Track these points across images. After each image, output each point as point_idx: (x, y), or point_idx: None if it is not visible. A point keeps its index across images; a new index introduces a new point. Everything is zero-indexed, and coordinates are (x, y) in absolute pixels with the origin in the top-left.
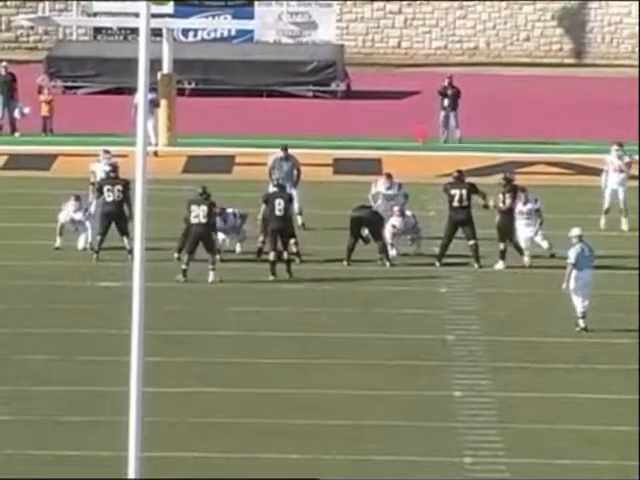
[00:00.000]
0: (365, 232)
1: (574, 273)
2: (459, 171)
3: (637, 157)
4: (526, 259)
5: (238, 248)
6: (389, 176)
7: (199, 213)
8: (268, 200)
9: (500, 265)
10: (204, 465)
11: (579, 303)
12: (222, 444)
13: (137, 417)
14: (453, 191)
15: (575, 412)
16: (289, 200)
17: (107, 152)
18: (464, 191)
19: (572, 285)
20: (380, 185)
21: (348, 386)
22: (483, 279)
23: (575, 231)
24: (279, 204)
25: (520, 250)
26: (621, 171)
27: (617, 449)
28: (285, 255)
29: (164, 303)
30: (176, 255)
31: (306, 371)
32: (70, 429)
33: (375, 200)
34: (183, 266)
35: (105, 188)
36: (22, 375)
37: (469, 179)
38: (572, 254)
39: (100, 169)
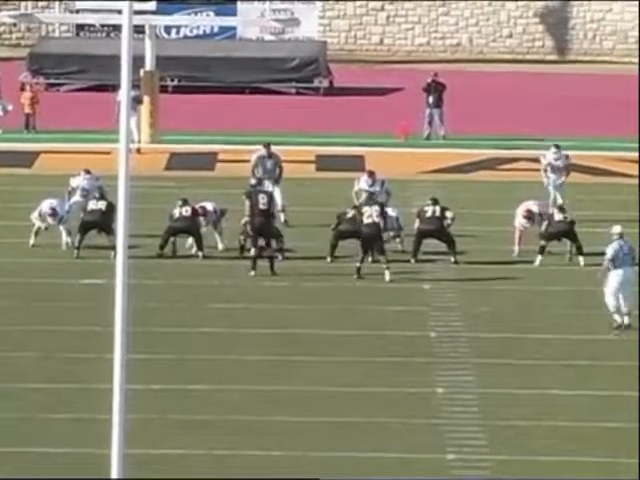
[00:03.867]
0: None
1: (612, 270)
2: (434, 198)
3: (570, 161)
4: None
5: (220, 245)
6: (371, 173)
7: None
8: (251, 195)
9: (538, 260)
10: (188, 462)
11: (613, 301)
12: (205, 441)
13: (120, 414)
14: (426, 208)
15: (559, 409)
16: (271, 196)
17: (88, 172)
18: (437, 207)
19: (611, 283)
20: (363, 182)
21: (331, 383)
22: (466, 275)
23: (616, 228)
24: (262, 198)
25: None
26: (559, 172)
27: (601, 446)
28: (268, 252)
29: (147, 300)
30: (159, 252)
31: (289, 368)
32: (54, 427)
33: (358, 197)
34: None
35: (91, 201)
36: (5, 372)
37: (452, 176)
38: (610, 250)
39: (81, 183)
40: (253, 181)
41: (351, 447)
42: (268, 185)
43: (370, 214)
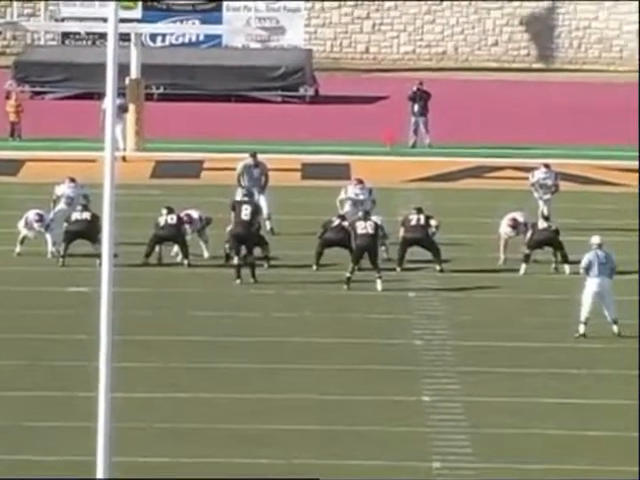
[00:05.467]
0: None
1: (587, 279)
2: (418, 208)
3: (559, 181)
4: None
5: (205, 253)
6: (360, 181)
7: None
8: (235, 206)
9: (523, 269)
10: (174, 470)
11: (584, 311)
12: (191, 449)
13: (106, 422)
14: (411, 216)
15: (545, 417)
16: (257, 208)
17: (73, 180)
18: (422, 216)
19: (585, 292)
20: (350, 191)
21: (317, 391)
22: (451, 284)
23: (595, 239)
24: (246, 209)
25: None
26: (547, 188)
27: (587, 454)
28: (249, 259)
29: (132, 308)
30: (144, 260)
31: (275, 376)
32: (39, 435)
33: (342, 205)
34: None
35: (75, 212)
36: None
37: (438, 184)
38: (584, 260)
39: (66, 192)
40: (239, 197)
41: (337, 455)
42: (256, 196)
43: (365, 226)
